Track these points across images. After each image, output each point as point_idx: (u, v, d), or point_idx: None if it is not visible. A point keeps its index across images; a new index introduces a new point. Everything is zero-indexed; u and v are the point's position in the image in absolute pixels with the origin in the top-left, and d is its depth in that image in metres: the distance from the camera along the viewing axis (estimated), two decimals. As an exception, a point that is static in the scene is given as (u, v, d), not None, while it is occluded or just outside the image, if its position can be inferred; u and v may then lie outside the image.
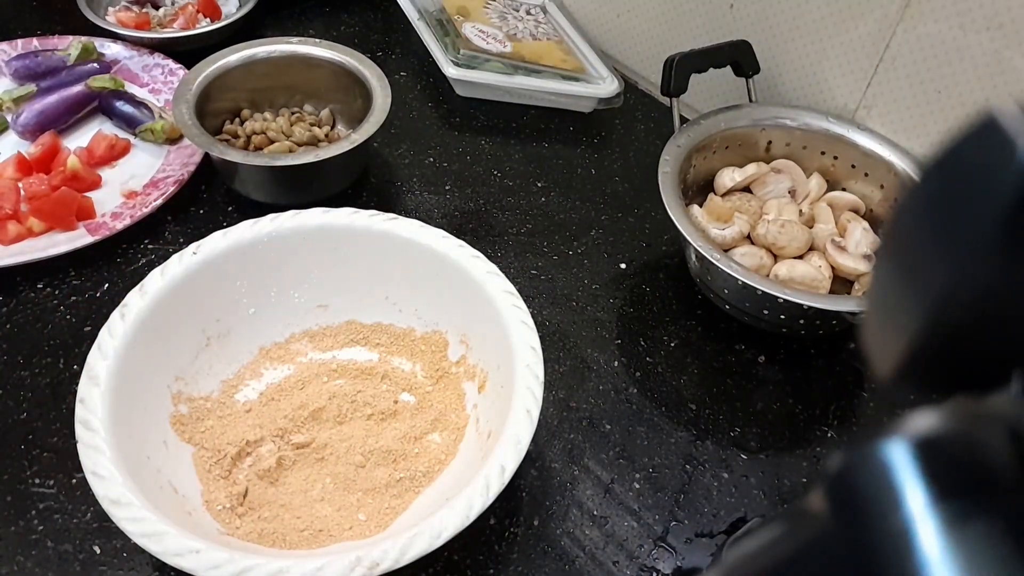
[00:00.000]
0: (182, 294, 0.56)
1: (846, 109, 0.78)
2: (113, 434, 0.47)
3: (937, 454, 0.20)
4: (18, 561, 0.51)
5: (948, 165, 0.21)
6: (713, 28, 0.85)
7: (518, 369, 0.52)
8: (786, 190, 0.75)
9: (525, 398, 0.51)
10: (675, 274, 0.74)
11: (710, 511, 0.58)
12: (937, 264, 0.21)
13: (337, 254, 0.62)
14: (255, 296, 0.61)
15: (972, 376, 0.21)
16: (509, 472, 0.47)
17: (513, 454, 0.48)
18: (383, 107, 0.75)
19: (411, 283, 0.62)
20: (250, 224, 0.60)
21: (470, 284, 0.58)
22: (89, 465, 0.46)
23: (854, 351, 0.69)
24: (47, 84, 0.83)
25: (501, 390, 0.54)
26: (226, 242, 0.58)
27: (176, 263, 0.57)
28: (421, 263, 0.61)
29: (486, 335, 0.58)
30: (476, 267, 0.59)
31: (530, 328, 0.55)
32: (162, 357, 0.55)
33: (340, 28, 1.00)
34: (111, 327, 0.53)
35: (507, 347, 0.54)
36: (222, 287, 0.59)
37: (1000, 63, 0.65)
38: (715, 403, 0.65)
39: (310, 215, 0.61)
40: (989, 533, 0.19)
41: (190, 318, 0.58)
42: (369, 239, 0.61)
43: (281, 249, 0.60)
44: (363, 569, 0.42)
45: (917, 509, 0.19)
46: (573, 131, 0.89)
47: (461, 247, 0.60)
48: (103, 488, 0.45)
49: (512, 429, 0.49)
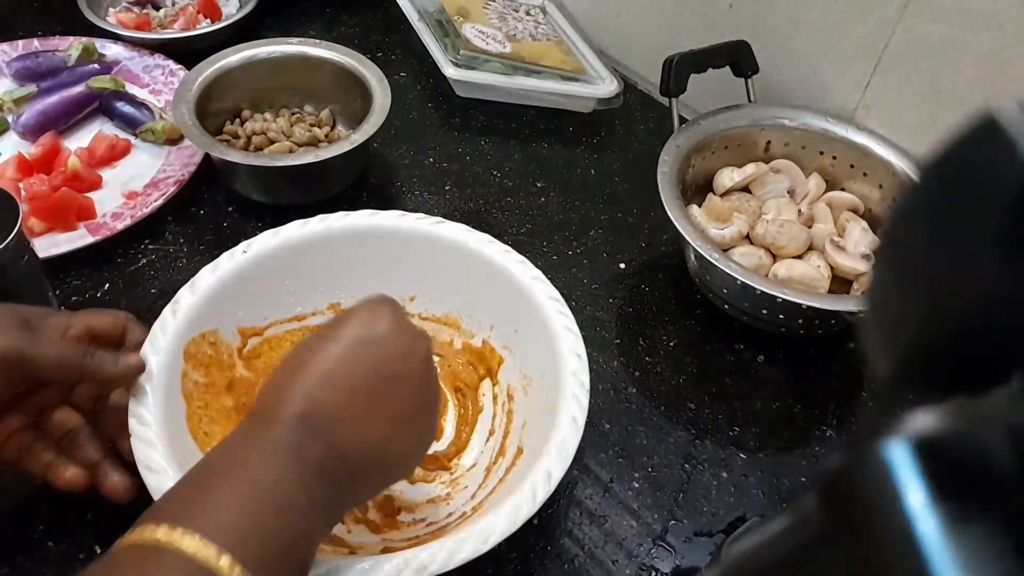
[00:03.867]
0: (231, 291, 0.57)
1: (845, 109, 0.78)
2: (165, 429, 0.48)
3: (937, 454, 0.20)
4: (18, 561, 0.51)
5: (947, 164, 0.21)
6: (712, 28, 0.85)
7: (564, 376, 0.52)
8: (785, 190, 0.75)
9: (571, 405, 0.50)
10: (674, 274, 0.74)
11: (709, 510, 0.58)
12: (937, 264, 0.21)
13: (384, 256, 0.61)
14: (302, 296, 0.61)
15: (972, 376, 0.21)
16: (555, 479, 0.47)
17: (559, 461, 0.48)
18: (383, 107, 0.75)
19: (454, 285, 0.62)
20: (299, 224, 0.60)
21: (515, 288, 0.58)
22: (143, 459, 0.46)
23: (853, 351, 0.69)
24: (48, 85, 0.83)
25: (545, 396, 0.54)
26: (276, 241, 0.59)
27: (226, 260, 0.57)
28: (466, 266, 0.60)
29: (532, 340, 0.58)
30: (522, 272, 0.59)
31: (575, 335, 0.55)
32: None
33: (340, 28, 1.00)
34: (163, 322, 0.53)
35: (552, 353, 0.54)
36: (271, 286, 0.60)
37: (1000, 63, 0.65)
38: (714, 403, 0.65)
39: (359, 216, 0.61)
40: (989, 533, 0.19)
41: (239, 315, 0.58)
42: (416, 241, 0.61)
43: (329, 250, 0.60)
44: (411, 572, 0.42)
45: (917, 509, 0.19)
46: (573, 131, 0.89)
47: (507, 252, 0.60)
48: (156, 481, 0.45)
49: (559, 436, 0.49)
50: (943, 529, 0.19)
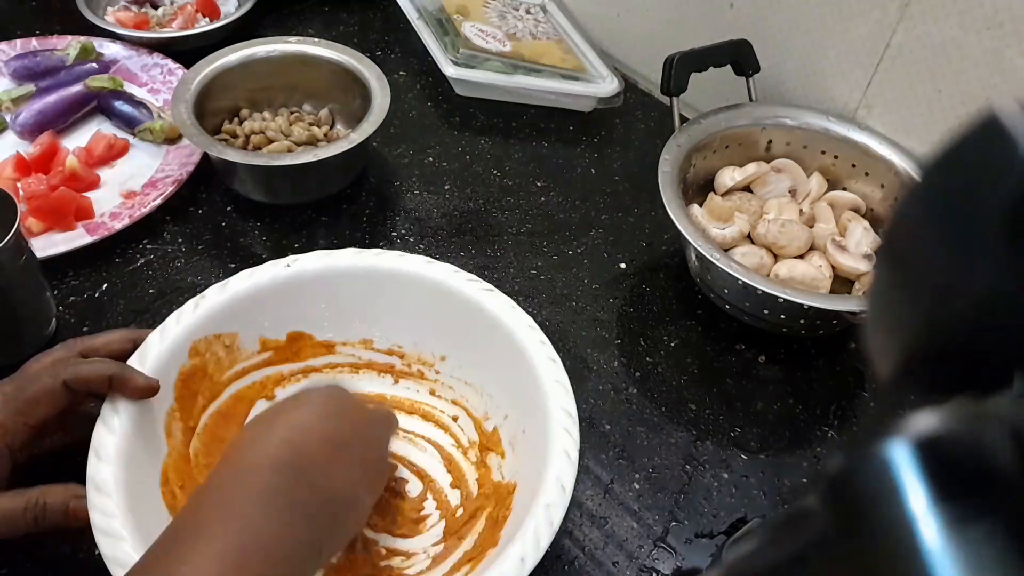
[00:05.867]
0: (263, 299, 0.57)
1: (846, 108, 0.78)
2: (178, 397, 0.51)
3: (938, 455, 0.20)
4: (18, 561, 0.51)
5: (949, 164, 0.21)
6: (713, 27, 0.85)
7: (552, 413, 0.51)
8: (786, 189, 0.75)
9: (563, 440, 0.50)
10: (675, 274, 0.74)
11: (710, 511, 0.58)
12: (938, 264, 0.21)
13: (425, 307, 0.59)
14: (336, 323, 0.61)
15: (973, 376, 0.21)
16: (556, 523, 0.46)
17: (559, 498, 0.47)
18: (382, 106, 0.75)
19: (481, 359, 0.59)
20: (354, 252, 0.59)
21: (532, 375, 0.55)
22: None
23: (855, 351, 0.69)
24: (46, 84, 0.83)
25: (534, 437, 0.53)
26: (322, 263, 0.58)
27: (267, 269, 0.57)
28: (498, 345, 0.57)
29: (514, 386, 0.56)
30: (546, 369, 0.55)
31: (558, 365, 0.54)
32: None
33: (339, 27, 1.00)
34: (180, 314, 0.54)
35: (538, 395, 0.53)
36: (305, 304, 0.59)
37: (1000, 62, 0.65)
38: (715, 403, 0.64)
39: (413, 262, 0.59)
40: (991, 534, 0.19)
41: (264, 325, 0.58)
42: (462, 300, 0.58)
43: (373, 285, 0.59)
44: None
45: (918, 510, 0.19)
46: (573, 130, 0.89)
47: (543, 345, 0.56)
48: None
49: (553, 472, 0.48)
50: (945, 530, 0.19)
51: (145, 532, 0.44)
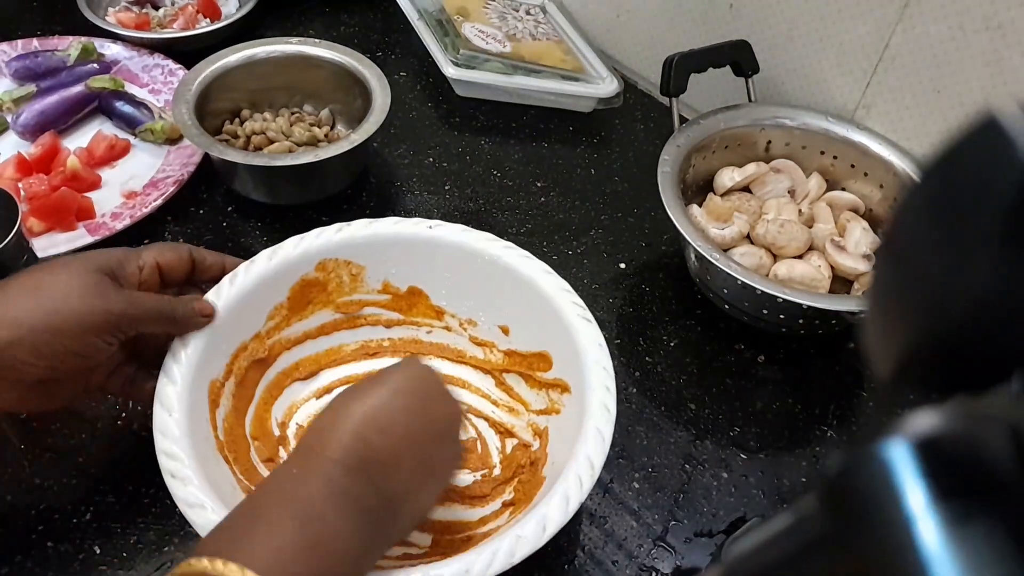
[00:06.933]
0: (398, 248, 0.60)
1: (845, 109, 0.78)
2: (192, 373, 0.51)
3: (937, 454, 0.20)
4: (18, 561, 0.51)
5: (948, 165, 0.21)
6: (712, 28, 0.85)
7: (592, 386, 0.52)
8: (785, 190, 0.75)
9: (598, 418, 0.51)
10: (675, 274, 0.74)
11: (709, 511, 0.58)
12: (937, 264, 0.21)
13: (465, 274, 0.61)
14: (452, 295, 0.62)
15: (972, 376, 0.21)
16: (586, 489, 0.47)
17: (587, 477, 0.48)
18: (383, 107, 0.75)
19: (503, 306, 0.61)
20: (488, 236, 0.60)
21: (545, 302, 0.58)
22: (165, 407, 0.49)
23: (854, 351, 0.69)
24: (47, 84, 0.83)
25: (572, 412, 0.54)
26: (459, 237, 0.60)
27: (409, 225, 0.60)
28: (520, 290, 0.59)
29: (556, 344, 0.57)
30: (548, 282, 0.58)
31: (603, 349, 0.55)
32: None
33: (340, 28, 1.00)
34: (220, 290, 0.55)
35: (580, 367, 0.54)
36: (432, 267, 0.61)
37: (1000, 63, 0.65)
38: (714, 403, 0.65)
39: (533, 266, 0.59)
40: (989, 533, 0.19)
41: (392, 272, 0.61)
42: (498, 266, 0.60)
43: (495, 269, 0.60)
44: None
45: (917, 509, 0.19)
46: (573, 131, 0.89)
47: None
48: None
49: (584, 448, 0.49)
50: (943, 529, 0.19)
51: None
